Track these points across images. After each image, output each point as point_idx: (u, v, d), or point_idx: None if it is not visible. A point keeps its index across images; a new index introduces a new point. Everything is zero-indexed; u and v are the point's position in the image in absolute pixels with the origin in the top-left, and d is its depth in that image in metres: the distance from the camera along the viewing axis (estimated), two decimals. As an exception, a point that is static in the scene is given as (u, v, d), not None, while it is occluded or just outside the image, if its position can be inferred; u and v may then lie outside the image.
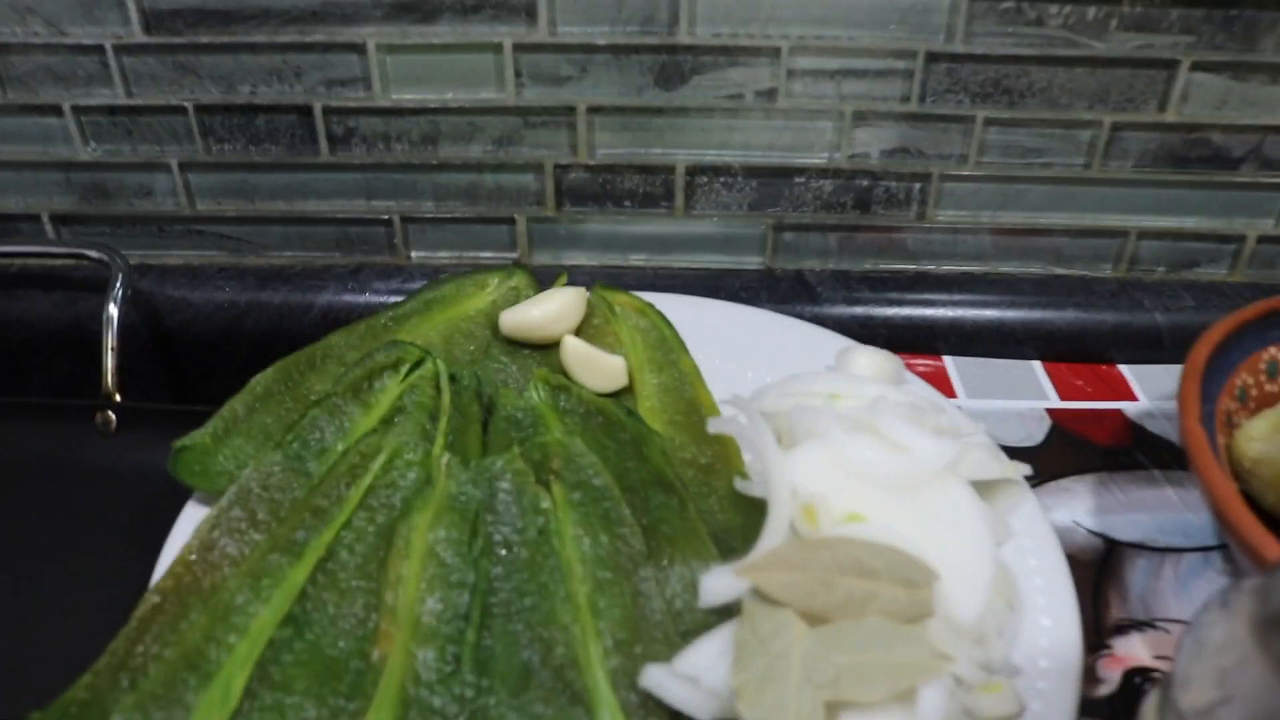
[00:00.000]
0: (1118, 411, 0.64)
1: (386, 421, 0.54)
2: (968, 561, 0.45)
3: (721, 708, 0.41)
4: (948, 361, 0.67)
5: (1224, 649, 0.37)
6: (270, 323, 0.68)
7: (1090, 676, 0.50)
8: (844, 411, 0.50)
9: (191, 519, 0.52)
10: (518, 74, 0.63)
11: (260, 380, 0.58)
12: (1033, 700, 0.44)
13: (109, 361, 0.62)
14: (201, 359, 0.68)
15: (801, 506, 0.46)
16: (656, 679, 0.42)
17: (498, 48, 0.62)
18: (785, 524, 0.46)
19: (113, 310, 0.62)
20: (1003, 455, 0.51)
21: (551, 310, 0.60)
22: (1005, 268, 0.70)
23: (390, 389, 0.56)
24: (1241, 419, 0.54)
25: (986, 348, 0.67)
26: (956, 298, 0.68)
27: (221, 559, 0.49)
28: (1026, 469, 0.52)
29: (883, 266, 0.70)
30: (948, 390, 0.64)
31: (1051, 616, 0.47)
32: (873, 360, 0.57)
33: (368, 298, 0.68)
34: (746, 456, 0.54)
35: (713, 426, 0.52)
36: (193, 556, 0.49)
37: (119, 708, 0.42)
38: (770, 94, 0.63)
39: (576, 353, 0.58)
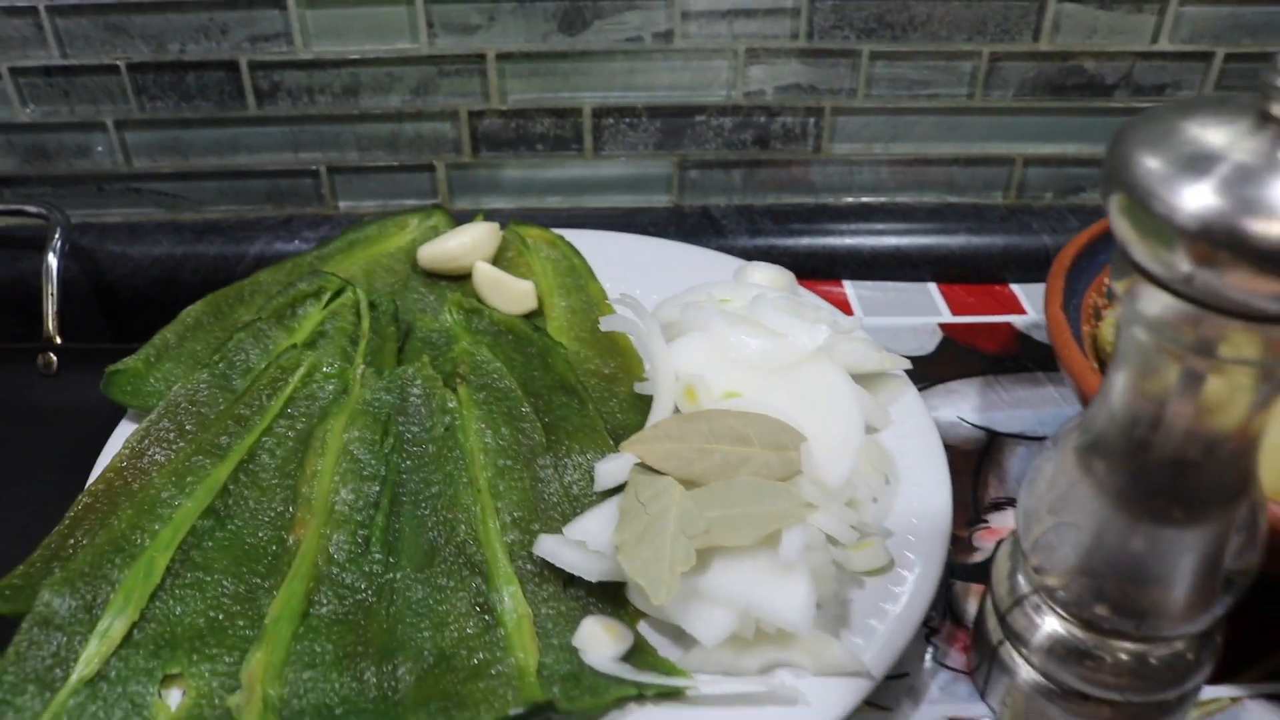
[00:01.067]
0: (1006, 324, 0.68)
1: (309, 345, 0.58)
2: (837, 431, 0.49)
3: (607, 568, 0.45)
4: (847, 286, 0.71)
5: (1055, 480, 0.41)
6: (206, 274, 0.71)
7: (968, 546, 0.53)
8: (728, 310, 0.54)
9: (123, 436, 0.55)
10: (430, 24, 0.67)
11: (191, 311, 0.62)
12: (903, 556, 0.47)
13: (49, 306, 0.65)
14: (141, 310, 0.71)
15: (683, 388, 0.50)
16: (549, 547, 0.46)
17: (410, -1, 0.66)
18: (669, 405, 0.50)
19: (52, 260, 0.66)
20: (882, 350, 0.55)
21: (466, 241, 0.64)
22: (901, 198, 0.74)
23: (312, 315, 0.60)
24: (1107, 313, 0.58)
25: (885, 273, 0.71)
26: (855, 227, 0.72)
27: (150, 465, 0.52)
28: (906, 363, 0.56)
29: (785, 200, 0.74)
30: (846, 311, 0.68)
31: (926, 490, 0.51)
32: (766, 273, 0.61)
33: (297, 245, 0.72)
34: (647, 365, 0.57)
35: (604, 324, 0.55)
36: (123, 464, 0.52)
37: (48, 584, 0.45)
38: (667, 35, 0.67)
39: (487, 277, 0.61)
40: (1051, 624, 0.42)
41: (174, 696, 0.43)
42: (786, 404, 0.49)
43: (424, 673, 0.43)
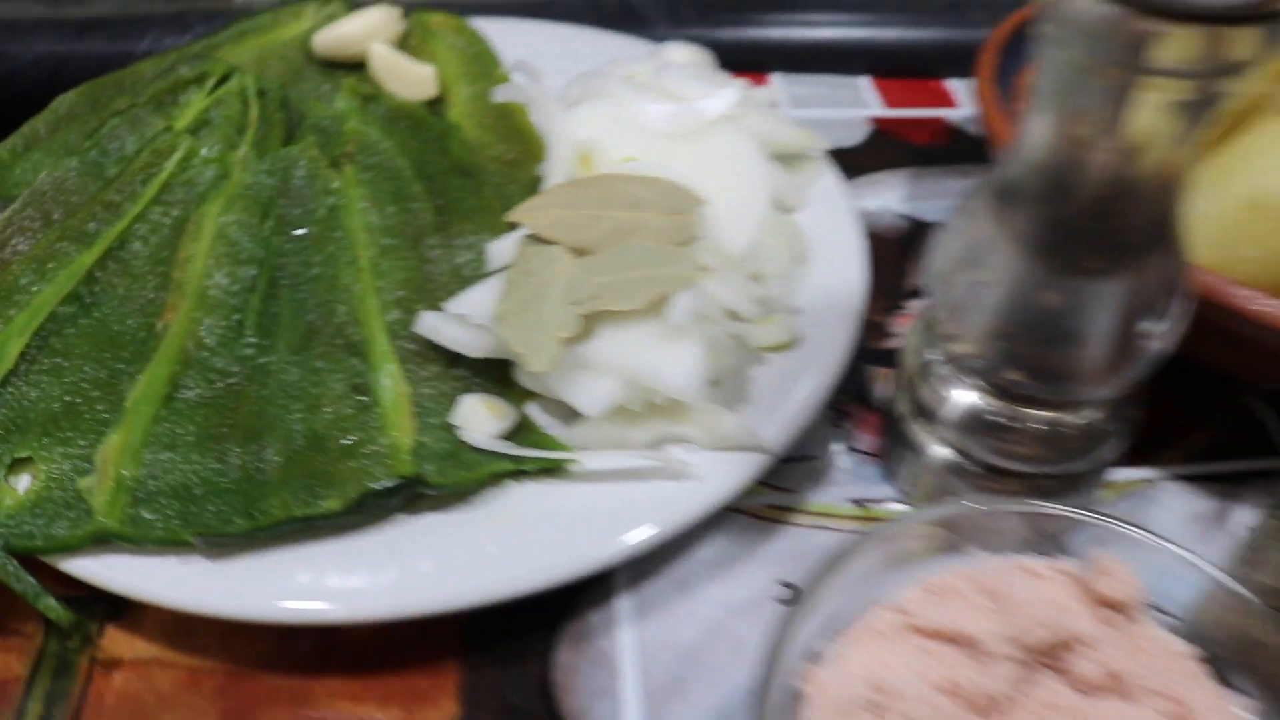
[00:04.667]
0: (939, 118, 0.64)
1: (192, 133, 0.54)
2: (740, 200, 0.46)
3: (490, 344, 0.42)
4: (775, 80, 0.67)
5: (968, 237, 0.38)
6: (90, 74, 0.66)
7: (884, 333, 0.51)
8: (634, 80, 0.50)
9: (-14, 228, 0.51)
10: None
11: (64, 100, 0.57)
12: (811, 335, 0.45)
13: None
14: (19, 114, 0.67)
15: (578, 155, 0.46)
16: (430, 323, 0.43)
17: None
18: (563, 173, 0.46)
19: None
20: (799, 127, 0.52)
21: (364, 25, 0.59)
22: (835, -14, 0.69)
23: (195, 102, 0.55)
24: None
25: (816, 66, 0.67)
26: (785, 17, 0.67)
27: (12, 256, 0.48)
28: (823, 142, 0.52)
29: (711, -11, 0.69)
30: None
31: (840, 272, 0.48)
32: (683, 52, 0.56)
33: (190, 41, 0.67)
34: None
35: (498, 94, 0.51)
36: (-18, 254, 0.48)
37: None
38: None
39: (385, 60, 0.57)
40: (961, 395, 0.41)
41: (23, 482, 0.40)
42: (687, 170, 0.45)
43: (293, 454, 0.41)
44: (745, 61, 0.66)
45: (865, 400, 0.47)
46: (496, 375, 0.43)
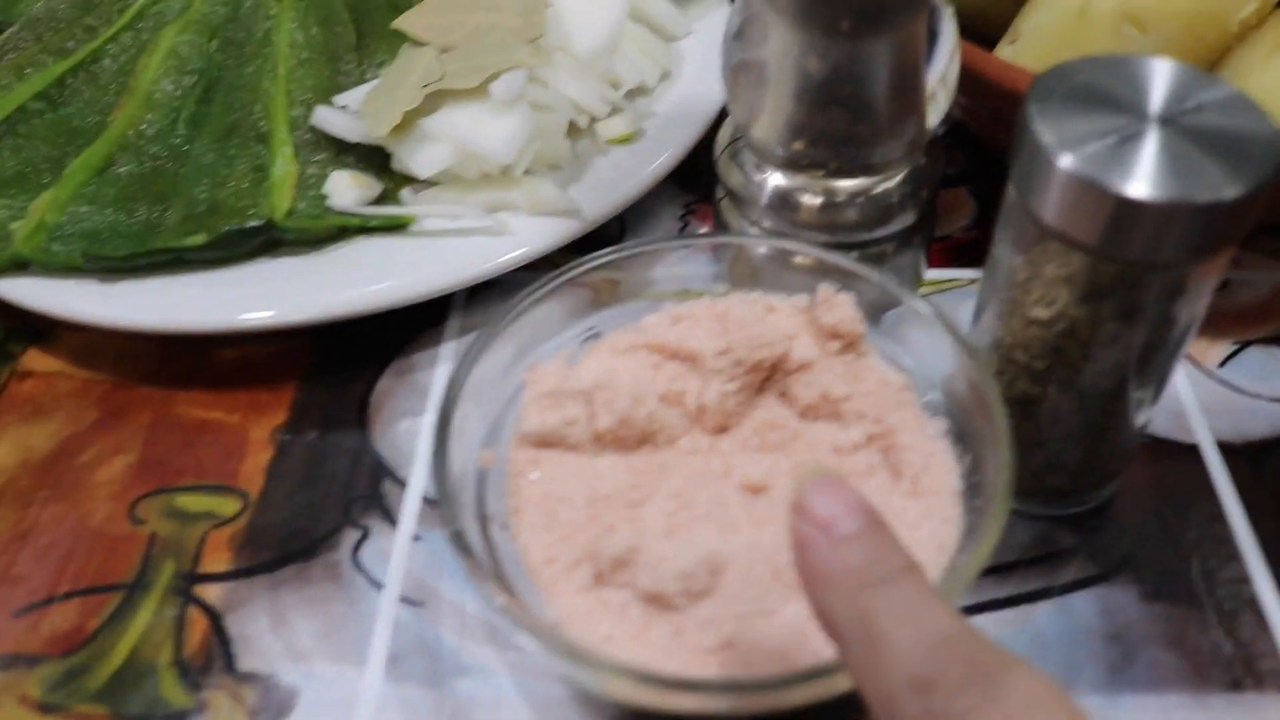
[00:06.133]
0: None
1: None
2: (597, 13, 0.50)
3: (362, 129, 0.47)
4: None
5: (740, 19, 0.41)
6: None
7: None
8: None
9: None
10: None
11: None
12: (659, 133, 0.49)
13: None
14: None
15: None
16: (321, 115, 0.49)
17: None
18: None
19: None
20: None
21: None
22: None
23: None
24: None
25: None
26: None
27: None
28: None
29: None
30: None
31: (705, 89, 0.52)
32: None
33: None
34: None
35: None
36: (-24, 60, 0.57)
37: None
38: None
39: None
40: (761, 176, 0.44)
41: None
42: (555, -15, 0.50)
43: (191, 214, 0.47)
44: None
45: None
46: (377, 161, 0.49)
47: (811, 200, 0.43)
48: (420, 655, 0.36)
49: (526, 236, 0.45)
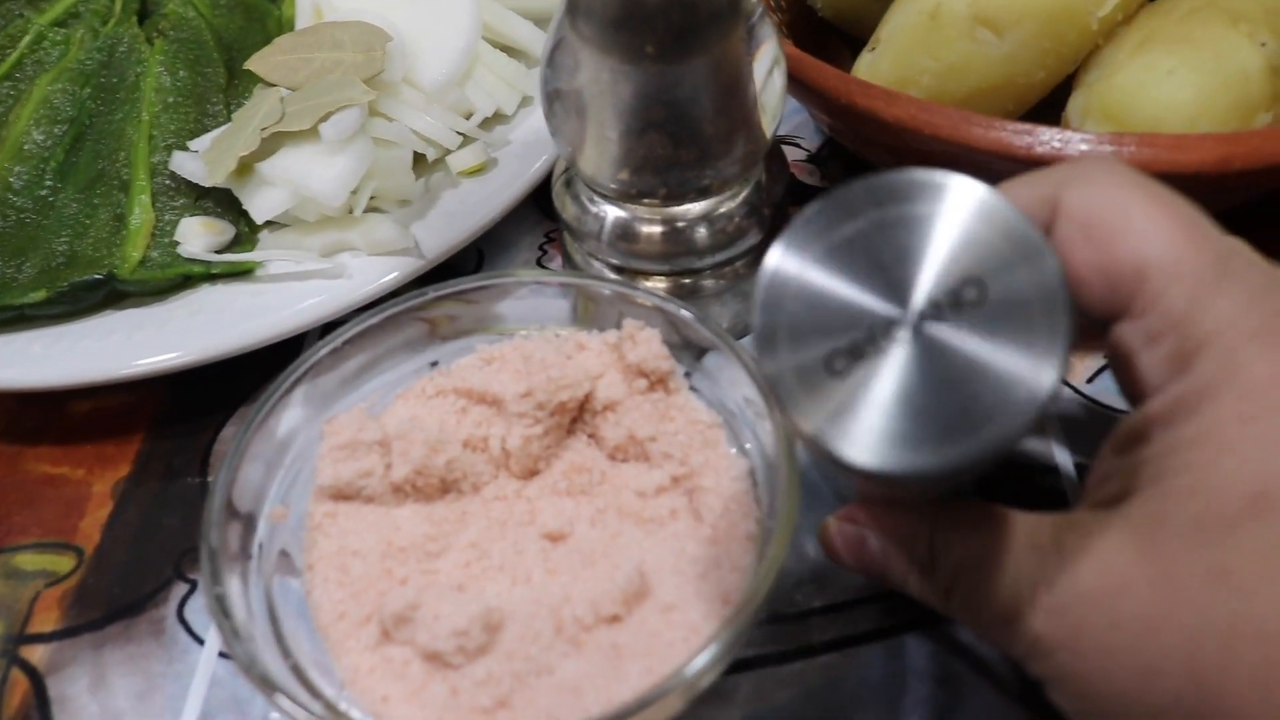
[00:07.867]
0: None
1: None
2: (445, 44, 0.50)
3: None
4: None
5: (553, 49, 0.40)
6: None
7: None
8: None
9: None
10: None
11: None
12: (513, 164, 0.49)
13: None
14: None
15: (313, 9, 0.51)
16: (179, 160, 0.49)
17: None
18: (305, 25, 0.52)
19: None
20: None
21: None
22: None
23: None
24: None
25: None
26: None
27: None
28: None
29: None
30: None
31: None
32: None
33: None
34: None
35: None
36: None
37: None
38: None
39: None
40: (594, 208, 0.43)
41: None
42: (404, 17, 0.49)
43: (48, 268, 0.47)
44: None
45: (576, 232, 0.51)
46: (236, 206, 0.49)
47: (651, 230, 0.43)
48: (232, 713, 0.36)
49: (366, 277, 0.45)
